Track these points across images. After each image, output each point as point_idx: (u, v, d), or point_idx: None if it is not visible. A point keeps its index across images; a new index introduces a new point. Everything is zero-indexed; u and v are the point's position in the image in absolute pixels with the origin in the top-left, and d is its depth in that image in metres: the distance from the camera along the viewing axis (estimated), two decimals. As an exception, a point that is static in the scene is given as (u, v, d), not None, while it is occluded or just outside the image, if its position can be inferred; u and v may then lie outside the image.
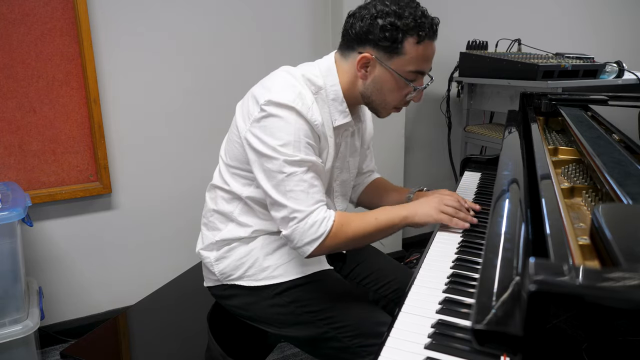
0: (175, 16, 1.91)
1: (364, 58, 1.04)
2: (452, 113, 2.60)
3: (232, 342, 1.18)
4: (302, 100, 1.01)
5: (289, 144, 0.99)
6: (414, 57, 1.03)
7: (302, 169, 0.99)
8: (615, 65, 2.22)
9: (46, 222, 1.84)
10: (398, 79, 1.05)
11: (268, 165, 1.00)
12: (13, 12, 1.64)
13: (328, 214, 1.01)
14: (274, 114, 0.99)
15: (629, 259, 0.42)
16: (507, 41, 2.50)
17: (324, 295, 1.09)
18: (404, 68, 1.04)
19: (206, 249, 1.18)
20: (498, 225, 0.69)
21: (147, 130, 1.94)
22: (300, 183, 0.99)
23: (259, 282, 1.11)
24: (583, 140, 0.93)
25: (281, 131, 0.99)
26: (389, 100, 1.10)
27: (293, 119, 1.00)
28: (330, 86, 1.09)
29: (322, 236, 0.99)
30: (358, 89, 1.10)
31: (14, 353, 1.48)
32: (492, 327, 0.45)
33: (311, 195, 1.00)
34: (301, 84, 1.05)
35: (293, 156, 0.99)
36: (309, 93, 1.05)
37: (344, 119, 1.11)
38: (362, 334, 1.05)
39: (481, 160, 1.65)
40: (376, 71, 1.06)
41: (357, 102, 1.14)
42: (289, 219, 1.00)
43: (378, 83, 1.07)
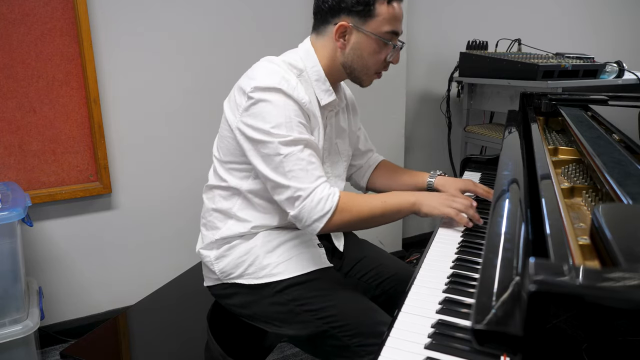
0: (175, 16, 1.91)
1: (341, 27, 1.08)
2: (452, 113, 2.61)
3: (232, 342, 1.18)
4: (287, 82, 1.04)
5: (281, 124, 1.01)
6: (387, 17, 1.08)
7: (298, 147, 1.01)
8: (615, 65, 2.22)
9: (46, 222, 1.85)
10: (376, 40, 1.09)
11: (264, 150, 1.02)
12: (13, 12, 1.64)
13: (332, 190, 1.03)
14: (261, 99, 1.02)
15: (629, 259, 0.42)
16: (507, 41, 2.50)
17: (324, 294, 1.09)
18: (380, 29, 1.09)
19: (206, 248, 1.18)
20: (498, 225, 0.69)
21: (147, 130, 1.94)
22: (298, 162, 1.01)
23: (259, 280, 1.12)
24: (583, 140, 0.93)
25: (271, 114, 1.01)
26: (370, 64, 1.13)
27: (281, 100, 1.02)
28: (310, 67, 1.13)
29: (329, 212, 1.01)
30: (339, 60, 1.13)
31: (14, 353, 1.48)
32: (492, 327, 0.45)
33: (311, 172, 1.02)
34: (283, 69, 1.08)
35: (287, 136, 1.00)
36: (292, 75, 1.08)
37: (329, 97, 1.15)
38: (361, 333, 1.05)
39: (481, 160, 1.65)
40: (354, 38, 1.10)
41: (339, 77, 1.17)
42: (294, 199, 1.01)
43: (357, 49, 1.11)
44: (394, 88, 2.43)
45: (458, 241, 1.05)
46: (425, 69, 2.62)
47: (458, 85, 2.54)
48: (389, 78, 2.39)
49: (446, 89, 2.55)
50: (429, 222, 2.82)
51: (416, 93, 2.61)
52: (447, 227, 1.14)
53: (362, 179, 1.43)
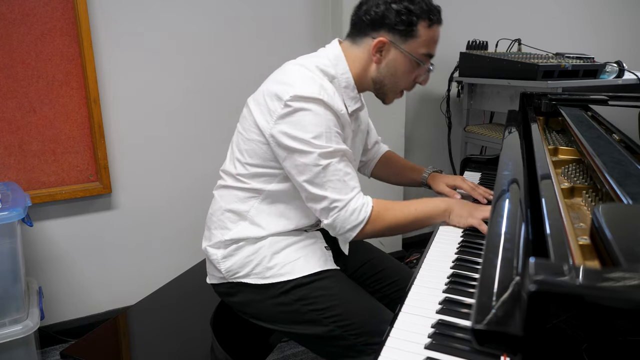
0: (175, 16, 1.91)
1: (380, 42, 1.09)
2: (452, 113, 2.60)
3: (232, 342, 1.18)
4: (326, 92, 1.04)
5: (321, 135, 1.01)
6: (426, 39, 1.11)
7: (336, 159, 1.03)
8: (616, 65, 2.22)
9: (46, 222, 1.84)
10: (411, 61, 1.11)
11: (302, 160, 1.02)
12: (13, 12, 1.64)
13: (366, 200, 1.05)
14: (301, 108, 1.01)
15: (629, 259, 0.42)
16: (507, 41, 2.50)
17: (330, 294, 1.09)
18: (417, 51, 1.11)
19: (213, 246, 1.17)
20: (498, 225, 0.69)
21: (147, 130, 1.94)
22: (336, 173, 1.02)
23: (265, 280, 1.11)
24: (583, 140, 0.93)
25: (312, 124, 1.01)
26: (401, 82, 1.16)
27: (321, 110, 1.02)
28: (341, 74, 1.13)
29: (362, 222, 1.04)
30: (370, 74, 1.14)
31: (14, 353, 1.48)
32: (492, 327, 0.45)
33: (347, 182, 1.03)
34: (318, 76, 1.08)
35: (327, 147, 1.01)
36: (328, 83, 1.08)
37: (355, 105, 1.16)
38: (367, 332, 1.05)
39: (481, 160, 1.65)
40: (391, 55, 1.11)
41: (365, 88, 1.18)
42: (329, 209, 1.03)
43: (392, 66, 1.12)
44: (394, 88, 2.43)
45: (458, 241, 1.05)
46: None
47: (458, 85, 2.54)
48: (389, 78, 2.39)
49: (446, 89, 2.55)
50: (429, 222, 2.81)
51: (416, 93, 2.61)
52: (447, 227, 1.14)
53: (367, 169, 1.47)
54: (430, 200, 1.13)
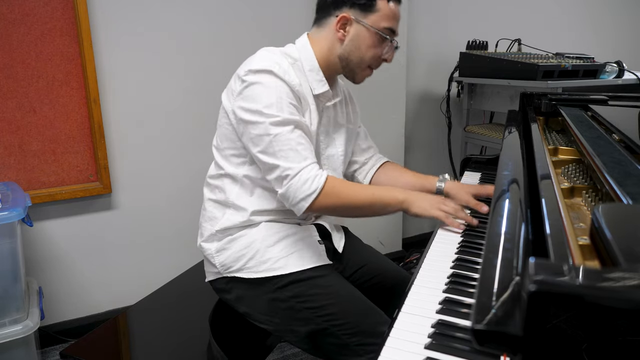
0: (175, 16, 1.91)
1: (343, 18, 1.14)
2: (452, 113, 2.60)
3: (232, 342, 1.18)
4: (278, 65, 1.08)
5: (272, 104, 1.04)
6: (386, 14, 1.14)
7: (288, 127, 1.04)
8: (615, 65, 2.22)
9: (46, 222, 1.85)
10: (375, 34, 1.14)
11: (254, 131, 1.05)
12: (13, 12, 1.64)
13: (320, 172, 1.05)
14: (254, 81, 1.06)
15: (629, 259, 0.42)
16: (507, 41, 2.50)
17: (325, 292, 1.10)
18: (379, 24, 1.14)
19: (207, 240, 1.19)
20: (498, 225, 0.69)
21: (147, 130, 1.94)
22: (288, 142, 1.04)
23: (259, 274, 1.12)
24: (583, 140, 0.93)
25: (262, 95, 1.05)
26: (366, 57, 1.17)
27: (272, 81, 1.06)
28: (305, 58, 1.18)
29: (315, 192, 1.03)
30: (336, 52, 1.17)
31: (14, 353, 1.48)
32: (492, 327, 0.45)
33: (300, 152, 1.04)
34: (277, 55, 1.13)
35: (277, 116, 1.04)
36: (284, 61, 1.12)
37: (322, 88, 1.18)
38: (361, 332, 1.05)
39: (481, 160, 1.65)
40: (353, 29, 1.15)
41: (334, 71, 1.21)
42: (282, 178, 1.04)
43: (356, 41, 1.15)
44: (394, 88, 2.43)
45: (458, 241, 1.05)
46: (425, 69, 2.62)
47: (458, 85, 2.54)
48: (389, 78, 2.39)
49: (446, 89, 2.55)
50: (429, 222, 2.81)
51: (416, 93, 2.61)
52: (447, 227, 1.14)
53: (364, 177, 1.42)
54: (390, 189, 1.15)
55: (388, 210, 1.11)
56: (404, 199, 1.10)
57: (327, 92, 1.19)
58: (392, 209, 1.11)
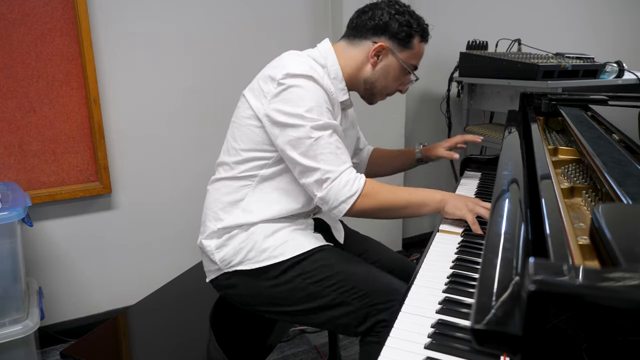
0: (175, 16, 1.91)
1: (380, 47, 1.19)
2: (452, 113, 2.60)
3: (232, 342, 1.18)
4: (316, 71, 1.12)
5: (313, 109, 1.06)
6: (416, 53, 1.23)
7: (328, 132, 1.07)
8: (615, 65, 2.22)
9: (46, 222, 1.85)
10: (403, 68, 1.23)
11: (294, 134, 1.05)
12: (13, 12, 1.64)
13: (359, 175, 1.08)
14: (293, 85, 1.07)
15: (629, 259, 0.42)
16: (507, 41, 2.50)
17: (327, 264, 1.11)
18: (409, 60, 1.23)
19: (207, 237, 1.19)
20: (498, 225, 0.69)
21: (147, 130, 1.94)
22: (328, 145, 1.06)
23: (260, 264, 1.12)
24: (583, 140, 0.93)
25: (303, 98, 1.06)
26: (390, 86, 1.26)
27: (312, 86, 1.08)
28: (330, 66, 1.20)
29: (356, 193, 1.05)
30: (363, 74, 1.23)
31: (14, 353, 1.48)
32: (491, 327, 0.45)
33: (339, 156, 1.07)
34: (311, 61, 1.16)
35: (318, 120, 1.06)
36: (318, 66, 1.16)
37: (344, 96, 1.23)
38: (371, 292, 1.05)
39: (481, 160, 1.65)
40: (387, 59, 1.21)
41: (353, 87, 1.26)
42: (322, 181, 1.05)
43: (386, 70, 1.22)
44: (394, 88, 2.43)
45: (458, 241, 1.05)
46: (425, 69, 2.61)
47: (458, 85, 2.54)
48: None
49: (446, 89, 2.55)
50: (429, 222, 2.82)
51: (416, 93, 2.61)
52: (447, 226, 1.14)
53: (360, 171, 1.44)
54: (423, 190, 1.16)
55: (426, 210, 1.13)
56: (442, 199, 1.13)
57: (347, 100, 1.24)
58: (429, 209, 1.13)
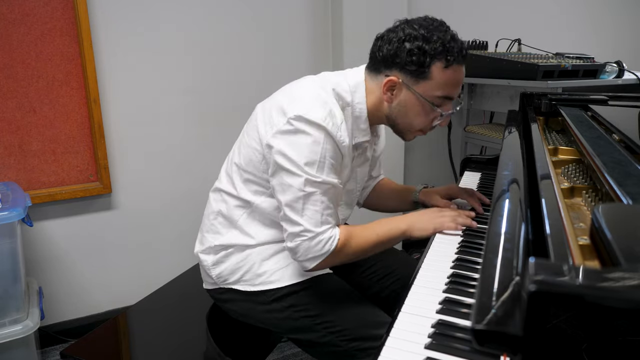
0: (175, 16, 1.91)
1: (390, 81, 1.04)
2: (452, 113, 2.60)
3: (232, 342, 1.18)
4: (333, 120, 1.00)
5: (314, 163, 0.98)
6: (441, 82, 1.02)
7: (321, 190, 0.99)
8: (615, 65, 2.22)
9: (46, 222, 1.84)
10: (424, 103, 1.04)
11: (288, 180, 0.99)
12: (13, 12, 1.64)
13: (334, 233, 1.01)
14: (302, 131, 0.98)
15: (629, 259, 0.42)
16: (507, 41, 2.50)
17: (321, 299, 1.09)
18: (431, 93, 1.03)
19: (204, 252, 1.18)
20: (498, 225, 0.69)
21: (147, 130, 1.94)
22: (317, 204, 0.99)
23: (255, 287, 1.11)
24: (583, 140, 0.93)
25: (308, 149, 0.98)
26: (414, 124, 1.09)
27: (322, 138, 0.98)
28: (356, 103, 1.08)
29: (325, 254, 1.00)
30: (384, 111, 1.09)
31: (14, 353, 1.48)
32: (492, 327, 0.45)
33: (325, 217, 1.00)
34: (332, 100, 1.04)
35: (316, 177, 0.98)
36: (339, 111, 1.04)
37: (363, 137, 1.12)
38: (359, 337, 1.04)
39: (481, 160, 1.65)
40: (402, 95, 1.05)
41: (380, 122, 1.14)
42: (296, 235, 1.00)
43: (404, 107, 1.06)
44: (394, 88, 2.43)
45: (458, 241, 1.05)
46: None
47: (458, 85, 2.53)
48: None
49: (446, 89, 2.54)
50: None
51: (416, 93, 2.60)
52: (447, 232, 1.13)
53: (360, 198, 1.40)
54: (390, 221, 1.09)
55: (395, 242, 1.11)
56: (406, 228, 1.08)
57: (365, 142, 1.13)
58: (398, 240, 1.11)
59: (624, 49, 3.23)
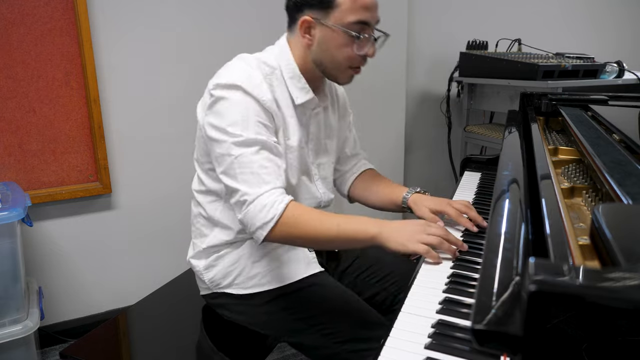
0: (175, 16, 1.91)
1: (304, 22, 1.04)
2: (452, 113, 2.61)
3: (231, 343, 1.18)
4: (248, 79, 1.01)
5: (237, 123, 0.98)
6: (349, 6, 1.01)
7: (251, 149, 0.97)
8: (616, 65, 2.22)
9: (46, 222, 1.84)
10: (341, 33, 1.02)
11: (218, 150, 0.99)
12: (13, 12, 1.64)
13: (280, 198, 0.96)
14: (221, 97, 1.00)
15: (629, 259, 0.42)
16: (507, 41, 2.50)
17: (314, 301, 1.08)
18: (344, 20, 1.01)
19: (195, 257, 1.18)
20: (498, 225, 0.69)
21: (147, 130, 1.94)
22: (249, 164, 0.96)
23: (247, 290, 1.11)
24: (583, 140, 0.93)
25: (227, 111, 0.99)
26: (339, 59, 1.05)
27: (239, 97, 0.99)
28: (285, 65, 1.08)
29: (272, 220, 0.94)
30: (309, 58, 1.08)
31: (14, 353, 1.48)
32: (492, 327, 0.45)
33: (261, 176, 0.96)
34: (252, 67, 1.05)
35: (239, 136, 0.97)
36: (257, 73, 1.04)
37: (305, 96, 1.09)
38: (352, 339, 1.04)
39: (481, 160, 1.65)
40: (318, 32, 1.04)
41: (316, 74, 1.11)
42: (240, 203, 0.97)
43: (323, 44, 1.05)
44: (394, 88, 2.43)
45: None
46: (425, 69, 2.62)
47: (458, 85, 2.54)
48: (389, 78, 2.39)
49: (446, 89, 2.55)
50: (429, 222, 2.81)
51: (416, 93, 2.61)
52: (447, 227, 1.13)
53: (344, 185, 1.35)
54: (359, 220, 0.96)
55: (358, 245, 0.98)
56: (376, 234, 0.94)
57: (312, 100, 1.11)
58: (362, 244, 0.96)
59: (624, 49, 3.23)
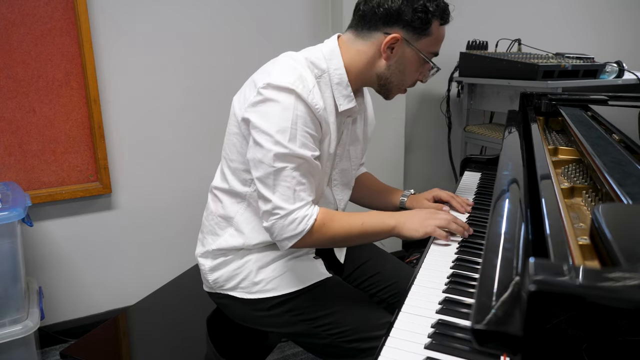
0: (175, 16, 1.91)
1: (394, 38, 1.03)
2: (452, 113, 2.60)
3: (232, 343, 1.18)
4: (303, 83, 0.98)
5: (285, 130, 0.95)
6: (437, 38, 1.07)
7: (293, 164, 0.96)
8: (616, 65, 2.22)
9: (46, 222, 1.84)
10: (421, 59, 1.07)
11: (258, 154, 0.97)
12: (13, 12, 1.64)
13: (310, 212, 0.98)
14: (271, 98, 0.96)
15: (629, 259, 0.42)
16: (507, 41, 2.50)
17: (320, 303, 1.08)
18: (428, 49, 1.07)
19: (203, 255, 1.17)
20: (498, 225, 0.69)
21: (147, 130, 1.94)
22: (288, 179, 0.96)
23: (251, 295, 1.11)
24: (583, 140, 0.93)
25: (278, 116, 0.96)
26: (408, 80, 1.11)
27: (291, 103, 0.96)
28: (334, 70, 1.06)
29: (301, 234, 0.97)
30: (376, 70, 1.08)
31: (14, 353, 1.48)
32: (491, 327, 0.45)
33: (297, 193, 0.97)
34: (303, 67, 1.03)
35: (285, 147, 0.95)
36: (310, 76, 1.02)
37: (349, 104, 1.08)
38: (360, 338, 1.04)
39: (481, 160, 1.65)
40: (401, 51, 1.05)
41: (365, 84, 1.13)
42: (270, 213, 0.98)
43: (402, 64, 1.07)
44: (394, 88, 2.42)
45: (458, 241, 1.05)
46: (425, 69, 2.61)
47: (458, 85, 2.54)
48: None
49: (446, 89, 2.55)
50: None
51: (416, 93, 2.60)
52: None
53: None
54: (378, 215, 1.06)
55: (380, 237, 1.07)
56: (395, 225, 1.04)
57: (354, 108, 1.10)
58: (384, 236, 1.06)
59: (624, 49, 3.23)
